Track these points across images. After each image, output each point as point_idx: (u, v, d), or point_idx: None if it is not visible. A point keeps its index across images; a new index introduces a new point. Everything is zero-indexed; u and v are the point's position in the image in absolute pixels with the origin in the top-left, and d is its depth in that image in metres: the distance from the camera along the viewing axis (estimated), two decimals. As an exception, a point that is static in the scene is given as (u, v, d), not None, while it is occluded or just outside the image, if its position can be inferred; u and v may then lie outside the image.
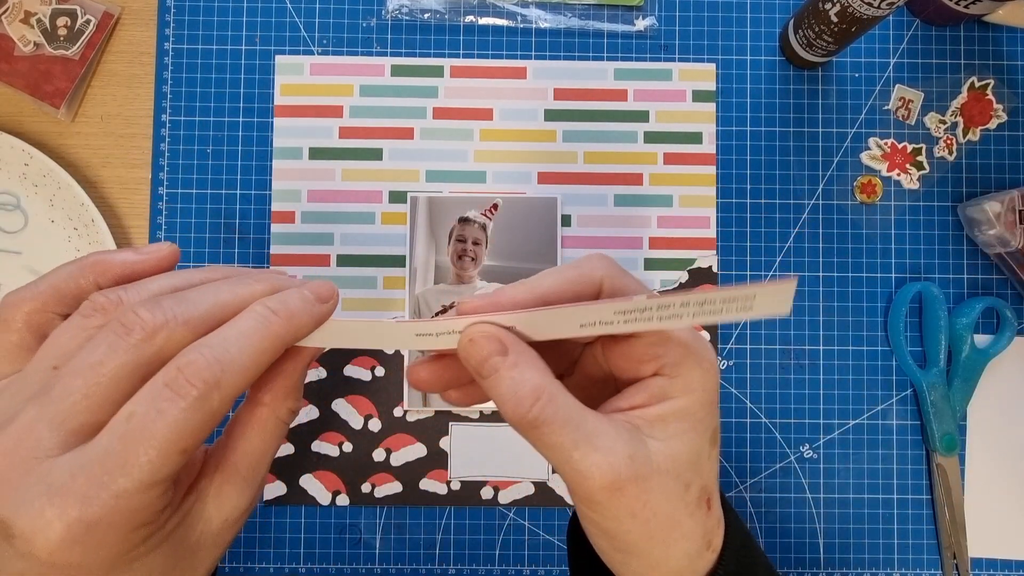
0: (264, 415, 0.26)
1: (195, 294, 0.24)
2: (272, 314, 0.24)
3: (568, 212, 0.52)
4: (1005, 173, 0.53)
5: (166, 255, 0.27)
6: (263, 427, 0.26)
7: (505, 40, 0.53)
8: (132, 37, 0.53)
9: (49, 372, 0.23)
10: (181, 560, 0.24)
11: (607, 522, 0.25)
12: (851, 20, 0.45)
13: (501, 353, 0.24)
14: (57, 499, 0.20)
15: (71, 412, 0.21)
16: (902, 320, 0.51)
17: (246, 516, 0.26)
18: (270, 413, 0.26)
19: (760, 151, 0.53)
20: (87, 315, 0.23)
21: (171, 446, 0.21)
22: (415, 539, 0.51)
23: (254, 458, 0.26)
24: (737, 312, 0.24)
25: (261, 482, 0.26)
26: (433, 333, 0.26)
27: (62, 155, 0.52)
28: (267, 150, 0.52)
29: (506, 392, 0.24)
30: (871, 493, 0.51)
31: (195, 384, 0.21)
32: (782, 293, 0.24)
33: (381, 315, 0.51)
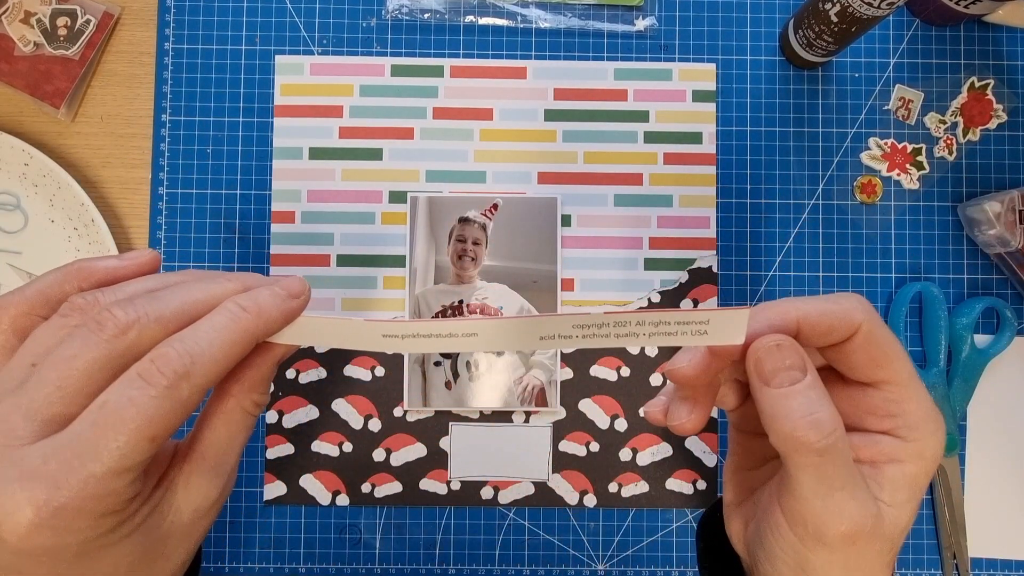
0: (230, 406, 0.26)
1: (168, 293, 0.25)
2: (242, 310, 0.25)
3: (568, 212, 0.52)
4: (1005, 173, 0.53)
5: (147, 261, 0.28)
6: (229, 417, 0.27)
7: (505, 40, 0.53)
8: (132, 37, 0.53)
9: (28, 368, 0.24)
10: (151, 550, 0.25)
11: (817, 562, 0.26)
12: (851, 20, 0.45)
13: (803, 370, 0.25)
14: (27, 483, 0.21)
15: (45, 402, 0.22)
16: (902, 320, 0.51)
17: (218, 507, 0.27)
18: (236, 404, 0.26)
19: (760, 151, 0.53)
20: (65, 315, 0.24)
21: (141, 433, 0.22)
22: (415, 539, 0.51)
23: (220, 448, 0.26)
24: (692, 336, 0.25)
25: (230, 472, 0.27)
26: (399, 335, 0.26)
27: (62, 155, 0.52)
28: (267, 150, 0.52)
29: (797, 410, 0.24)
30: (871, 493, 0.51)
31: (166, 374, 0.23)
32: (735, 321, 0.24)
33: (379, 315, 0.51)
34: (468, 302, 0.51)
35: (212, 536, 0.50)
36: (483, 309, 0.51)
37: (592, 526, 0.51)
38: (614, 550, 0.51)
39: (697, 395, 0.27)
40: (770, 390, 0.25)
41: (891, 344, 0.26)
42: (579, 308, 0.24)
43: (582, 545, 0.51)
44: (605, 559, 0.51)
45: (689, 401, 0.27)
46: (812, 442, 0.24)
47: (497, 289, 0.51)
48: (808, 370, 0.25)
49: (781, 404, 0.25)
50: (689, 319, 0.24)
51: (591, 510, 0.51)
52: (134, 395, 0.22)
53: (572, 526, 0.51)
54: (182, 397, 0.23)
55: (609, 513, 0.51)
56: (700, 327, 0.24)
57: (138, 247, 0.52)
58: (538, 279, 0.51)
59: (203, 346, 0.23)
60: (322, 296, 0.51)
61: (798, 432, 0.24)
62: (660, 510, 0.51)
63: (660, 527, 0.51)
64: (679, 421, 0.27)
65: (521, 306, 0.51)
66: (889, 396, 0.26)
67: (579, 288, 0.52)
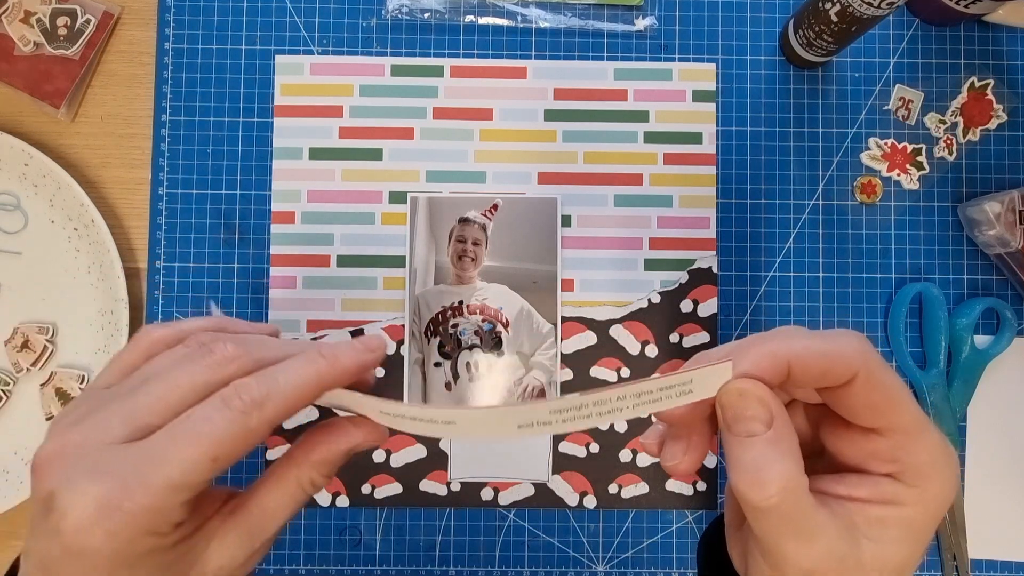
0: (290, 474, 0.28)
1: (273, 342, 0.28)
2: (319, 356, 0.27)
3: (568, 212, 0.52)
4: (1005, 173, 0.53)
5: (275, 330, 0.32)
6: (284, 486, 0.28)
7: (505, 40, 0.53)
8: (132, 37, 0.53)
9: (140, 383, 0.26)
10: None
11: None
12: (851, 20, 0.45)
13: (765, 422, 0.24)
14: (100, 477, 0.23)
15: (143, 411, 0.25)
16: (902, 320, 0.51)
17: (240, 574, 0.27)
18: (296, 474, 0.28)
19: (760, 151, 0.53)
20: (188, 346, 0.27)
21: (206, 451, 0.24)
22: (415, 540, 0.51)
23: (265, 512, 0.27)
24: (677, 397, 0.24)
25: (265, 542, 0.27)
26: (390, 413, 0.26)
27: (62, 155, 0.52)
28: (267, 150, 0.52)
29: (748, 464, 0.23)
30: (871, 493, 0.51)
31: (243, 399, 0.25)
32: (719, 374, 0.24)
33: (380, 315, 0.51)
34: (468, 302, 0.51)
35: (211, 537, 0.50)
36: (483, 310, 0.51)
37: (592, 527, 0.51)
38: (614, 551, 0.51)
39: (692, 434, 0.26)
40: (730, 436, 0.24)
41: (894, 389, 0.24)
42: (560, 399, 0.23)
43: (582, 546, 0.51)
44: (605, 560, 0.51)
45: (683, 440, 0.26)
46: (752, 501, 0.23)
47: (497, 289, 0.51)
48: (773, 422, 0.24)
49: (735, 453, 0.24)
50: (671, 383, 0.24)
51: (591, 511, 0.51)
52: (210, 414, 0.24)
53: (572, 527, 0.51)
54: (251, 425, 0.24)
55: (609, 514, 0.51)
56: (684, 387, 0.24)
57: (138, 247, 0.52)
58: (538, 279, 0.51)
59: (280, 381, 0.25)
60: (322, 296, 0.51)
61: (739, 487, 0.23)
62: (660, 511, 0.51)
63: (660, 528, 0.51)
64: (672, 463, 0.26)
65: (521, 307, 0.51)
66: (893, 442, 0.24)
67: (579, 288, 0.52)
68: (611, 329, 0.52)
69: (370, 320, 0.51)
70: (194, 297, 0.51)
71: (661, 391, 0.24)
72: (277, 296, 0.51)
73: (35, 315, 0.51)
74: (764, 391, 0.24)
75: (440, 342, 0.51)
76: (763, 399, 0.24)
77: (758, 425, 0.24)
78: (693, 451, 0.26)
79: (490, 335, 0.51)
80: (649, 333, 0.52)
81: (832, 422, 0.26)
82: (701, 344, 0.52)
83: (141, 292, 0.52)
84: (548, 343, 0.51)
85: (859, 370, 0.24)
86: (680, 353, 0.51)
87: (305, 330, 0.51)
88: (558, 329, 0.51)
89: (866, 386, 0.24)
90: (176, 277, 0.51)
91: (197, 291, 0.51)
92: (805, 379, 0.24)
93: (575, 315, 0.51)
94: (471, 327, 0.51)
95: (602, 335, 0.51)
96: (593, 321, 0.52)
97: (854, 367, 0.24)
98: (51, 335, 0.51)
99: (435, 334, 0.51)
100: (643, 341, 0.52)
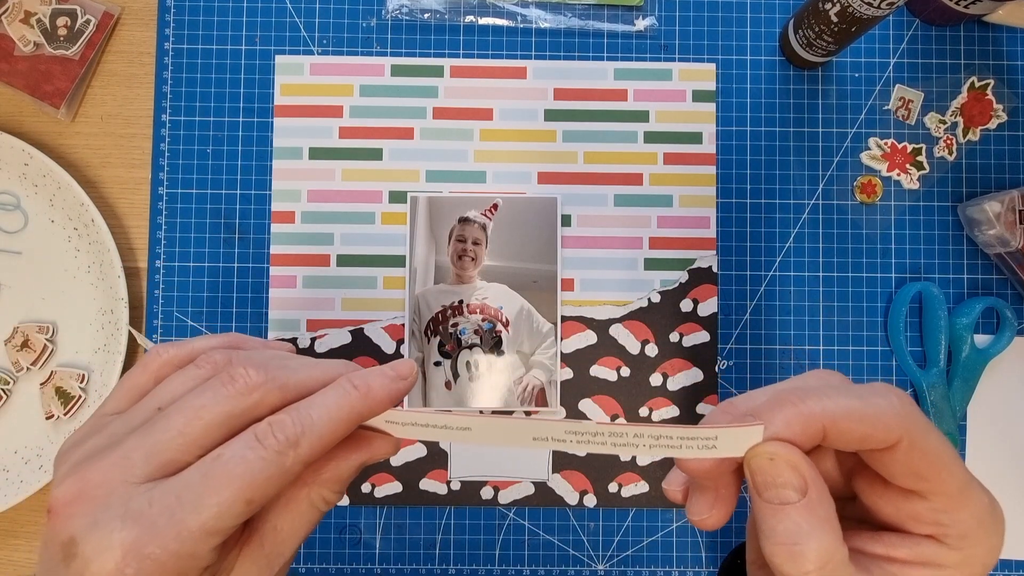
0: (301, 495, 0.26)
1: (295, 363, 0.26)
2: (353, 388, 0.25)
3: (568, 212, 0.52)
4: (1005, 173, 0.53)
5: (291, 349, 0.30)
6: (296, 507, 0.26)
7: (505, 40, 0.53)
8: (132, 37, 0.53)
9: (152, 411, 0.25)
10: None
11: None
12: (851, 20, 0.45)
13: (799, 490, 0.22)
14: (128, 523, 0.22)
15: (166, 446, 0.23)
16: (902, 320, 0.51)
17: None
18: (307, 494, 0.26)
19: (760, 151, 0.53)
20: (200, 366, 0.26)
21: (242, 493, 0.23)
22: (415, 539, 0.51)
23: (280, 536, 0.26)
24: (699, 450, 0.23)
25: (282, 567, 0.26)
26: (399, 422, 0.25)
27: (62, 155, 0.52)
28: (267, 150, 0.52)
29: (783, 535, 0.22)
30: (871, 493, 0.51)
31: (280, 439, 0.23)
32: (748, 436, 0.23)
33: (379, 315, 0.51)
34: (468, 302, 0.51)
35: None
36: (483, 309, 0.51)
37: (592, 526, 0.51)
38: (614, 550, 0.51)
39: (719, 487, 0.25)
40: (761, 502, 0.23)
41: (938, 452, 0.23)
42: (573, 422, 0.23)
43: (582, 545, 0.51)
44: (605, 559, 0.51)
45: (709, 493, 0.25)
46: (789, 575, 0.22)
47: (497, 289, 0.51)
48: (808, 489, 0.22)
49: (768, 522, 0.22)
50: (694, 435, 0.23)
51: (591, 510, 0.51)
52: (247, 455, 0.23)
53: (572, 526, 0.51)
54: (286, 465, 0.23)
55: (609, 513, 0.51)
56: (708, 442, 0.23)
57: (138, 247, 0.52)
58: (538, 279, 0.51)
59: (315, 419, 0.24)
60: (322, 296, 0.51)
61: (775, 559, 0.22)
62: (660, 510, 0.51)
63: (660, 527, 0.51)
64: (699, 518, 0.25)
65: (521, 306, 0.51)
66: (936, 506, 0.23)
67: (579, 288, 0.52)
68: (611, 328, 0.52)
69: (370, 320, 0.51)
70: (194, 297, 0.51)
71: (682, 440, 0.23)
72: (277, 296, 0.51)
73: (35, 315, 0.51)
74: (797, 456, 0.22)
75: (440, 341, 0.51)
76: (796, 465, 0.22)
77: (791, 493, 0.22)
78: (721, 506, 0.25)
79: (490, 334, 0.51)
80: (649, 332, 0.52)
81: (868, 477, 0.25)
82: (701, 343, 0.52)
83: (141, 292, 0.52)
84: (548, 342, 0.51)
85: (902, 436, 0.22)
86: (680, 353, 0.51)
87: (305, 330, 0.51)
88: (558, 328, 0.51)
89: (909, 453, 0.22)
90: (176, 277, 0.52)
91: (197, 291, 0.52)
92: (842, 443, 0.23)
93: (575, 314, 0.51)
94: (471, 326, 0.51)
95: (602, 334, 0.52)
96: (593, 320, 0.52)
97: (896, 434, 0.22)
98: (51, 335, 0.51)
99: (435, 333, 0.51)
100: (643, 340, 0.52)
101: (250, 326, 0.51)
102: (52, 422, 0.50)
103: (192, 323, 0.51)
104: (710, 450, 0.23)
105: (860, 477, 0.25)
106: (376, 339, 0.51)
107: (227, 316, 0.51)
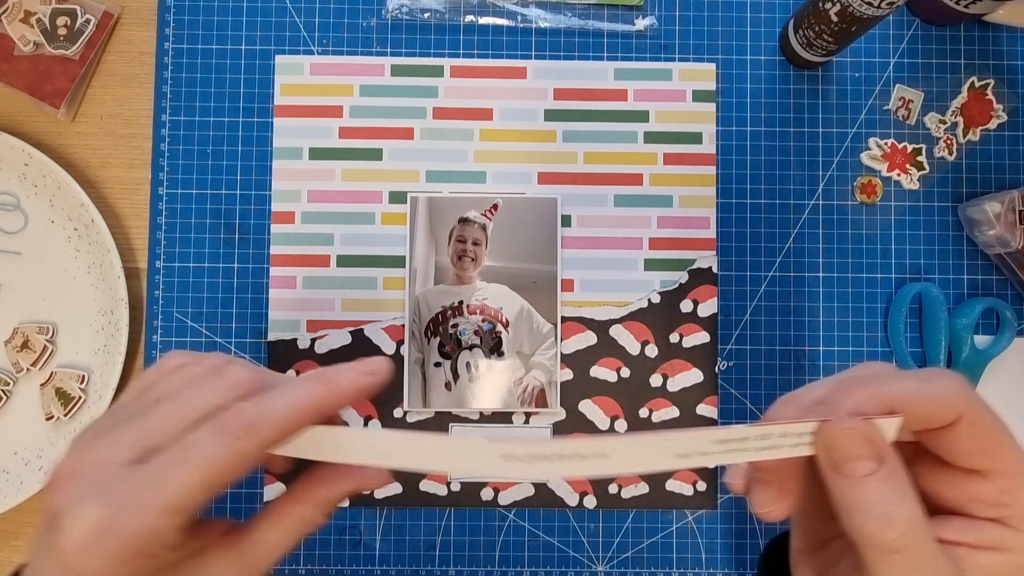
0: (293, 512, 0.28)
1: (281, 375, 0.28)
2: (317, 380, 0.26)
3: (568, 212, 0.52)
4: (1005, 173, 0.53)
5: None
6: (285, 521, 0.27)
7: (505, 40, 0.53)
8: (132, 37, 0.53)
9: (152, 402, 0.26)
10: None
11: None
12: (851, 20, 0.45)
13: (875, 459, 0.23)
14: (99, 498, 0.23)
15: (152, 431, 0.25)
16: (902, 320, 0.51)
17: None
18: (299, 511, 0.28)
19: (760, 151, 0.53)
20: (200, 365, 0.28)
21: (200, 476, 0.24)
22: (415, 540, 0.51)
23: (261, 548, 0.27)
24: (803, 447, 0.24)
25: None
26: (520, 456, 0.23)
27: (62, 155, 0.52)
28: (267, 150, 0.52)
29: (869, 504, 0.23)
30: (872, 493, 0.51)
31: (240, 424, 0.25)
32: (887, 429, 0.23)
33: (379, 315, 0.51)
34: (468, 302, 0.51)
35: (211, 537, 0.50)
36: (483, 309, 0.51)
37: (592, 527, 0.51)
38: (614, 551, 0.51)
39: (783, 479, 0.26)
40: (840, 477, 0.23)
41: (999, 430, 0.24)
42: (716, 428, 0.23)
43: (582, 546, 0.51)
44: (605, 560, 0.51)
45: (774, 485, 0.26)
46: (886, 541, 0.22)
47: (497, 289, 0.51)
48: (885, 459, 0.23)
49: (851, 495, 0.23)
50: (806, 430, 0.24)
51: (591, 511, 0.51)
52: (207, 439, 0.24)
53: (572, 527, 0.51)
54: (244, 449, 0.24)
55: (609, 514, 0.51)
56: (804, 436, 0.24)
57: (138, 247, 0.52)
58: (538, 279, 0.51)
59: (276, 406, 0.25)
60: (322, 296, 0.51)
61: (868, 528, 0.23)
62: (660, 511, 0.51)
63: (660, 528, 0.51)
64: (764, 509, 0.26)
65: (521, 307, 0.51)
66: (999, 486, 0.24)
67: (579, 288, 0.52)
68: (611, 329, 0.52)
69: (370, 320, 0.51)
70: (194, 297, 0.51)
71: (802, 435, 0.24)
72: (277, 296, 0.51)
73: (35, 315, 0.51)
74: (872, 429, 0.23)
75: (440, 342, 0.51)
76: (872, 437, 0.23)
77: (871, 463, 0.23)
78: (785, 497, 0.26)
79: (490, 335, 0.51)
80: (649, 333, 0.52)
81: (928, 462, 0.25)
82: (701, 344, 0.51)
83: (141, 292, 0.52)
84: (548, 343, 0.51)
85: (963, 412, 0.23)
86: (680, 353, 0.51)
87: (305, 330, 0.51)
88: (558, 329, 0.51)
89: (971, 429, 0.23)
90: (176, 277, 0.51)
91: (197, 291, 0.51)
92: (907, 422, 0.24)
93: (575, 315, 0.51)
94: (471, 327, 0.51)
95: (602, 335, 0.51)
96: (593, 321, 0.52)
97: (957, 410, 0.23)
98: (51, 335, 0.51)
99: (435, 334, 0.51)
100: (643, 341, 0.52)
101: (250, 326, 0.51)
102: (52, 423, 0.50)
103: (192, 323, 0.51)
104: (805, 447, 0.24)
105: (920, 465, 0.26)
106: (376, 340, 0.51)
107: (227, 316, 0.51)
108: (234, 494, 0.51)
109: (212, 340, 0.51)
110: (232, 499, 0.51)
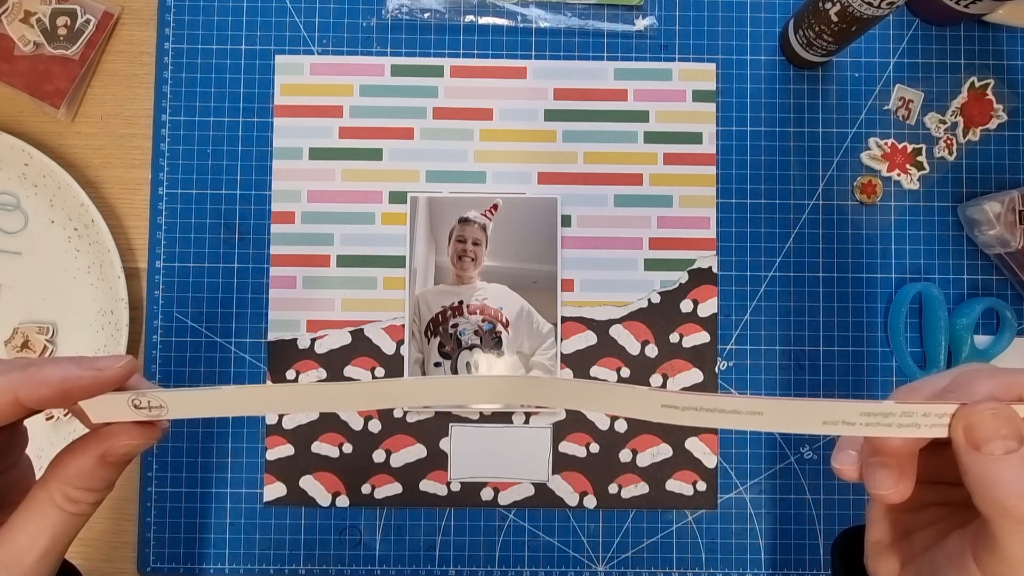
0: (40, 496, 0.25)
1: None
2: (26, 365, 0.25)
3: (568, 212, 0.52)
4: (1005, 173, 0.53)
5: None
6: (37, 507, 0.25)
7: (505, 40, 0.53)
8: (132, 37, 0.53)
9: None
10: None
11: None
12: (851, 20, 0.45)
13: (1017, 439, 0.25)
14: None
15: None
16: (902, 320, 0.51)
17: None
18: (46, 494, 0.25)
19: (760, 151, 0.53)
20: None
21: None
22: (415, 540, 0.51)
23: (17, 540, 0.25)
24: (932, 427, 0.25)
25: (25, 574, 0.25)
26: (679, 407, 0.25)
27: (62, 155, 0.52)
28: (267, 150, 0.52)
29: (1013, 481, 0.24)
30: (872, 494, 0.51)
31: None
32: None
33: (379, 315, 0.51)
34: (468, 302, 0.51)
35: (212, 537, 0.50)
36: (483, 309, 0.51)
37: (592, 527, 0.51)
38: (614, 551, 0.51)
39: (904, 462, 0.27)
40: (979, 455, 0.25)
41: None
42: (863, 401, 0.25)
43: (582, 546, 0.51)
44: (605, 560, 0.51)
45: (894, 469, 0.27)
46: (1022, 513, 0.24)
47: (497, 289, 0.51)
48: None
49: (991, 471, 0.25)
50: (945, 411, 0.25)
51: (591, 511, 0.51)
52: None
53: (572, 527, 0.51)
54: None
55: (609, 514, 0.51)
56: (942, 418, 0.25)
57: (138, 247, 0.52)
58: (538, 279, 0.51)
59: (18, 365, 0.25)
60: (322, 296, 0.51)
61: (1010, 502, 0.24)
62: (660, 511, 0.51)
63: (660, 528, 0.51)
64: (886, 491, 0.27)
65: (521, 307, 0.51)
66: None
67: (579, 288, 0.52)
68: (611, 329, 0.52)
69: (370, 320, 0.51)
70: (194, 297, 0.51)
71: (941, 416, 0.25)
72: (277, 296, 0.51)
73: (35, 315, 0.51)
74: (1013, 411, 0.25)
75: (440, 342, 0.51)
76: (1012, 418, 0.25)
77: (1011, 442, 0.25)
78: (906, 479, 0.27)
79: (490, 335, 0.51)
80: (649, 333, 0.52)
81: None
82: (701, 344, 0.51)
83: (141, 292, 0.52)
84: (548, 343, 0.51)
85: None
86: (680, 353, 0.51)
87: (305, 330, 0.51)
88: (558, 329, 0.51)
89: None
90: (176, 277, 0.51)
91: (197, 291, 0.51)
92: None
93: (575, 315, 0.51)
94: (471, 327, 0.51)
95: (602, 335, 0.51)
96: (593, 321, 0.52)
97: None
98: (51, 335, 0.51)
99: (435, 334, 0.51)
100: (643, 341, 0.52)
101: (250, 326, 0.51)
102: (52, 423, 0.50)
103: (192, 323, 0.51)
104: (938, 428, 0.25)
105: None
106: (376, 340, 0.51)
107: (227, 316, 0.51)
108: (234, 494, 0.51)
109: (212, 340, 0.51)
110: (232, 499, 0.51)
